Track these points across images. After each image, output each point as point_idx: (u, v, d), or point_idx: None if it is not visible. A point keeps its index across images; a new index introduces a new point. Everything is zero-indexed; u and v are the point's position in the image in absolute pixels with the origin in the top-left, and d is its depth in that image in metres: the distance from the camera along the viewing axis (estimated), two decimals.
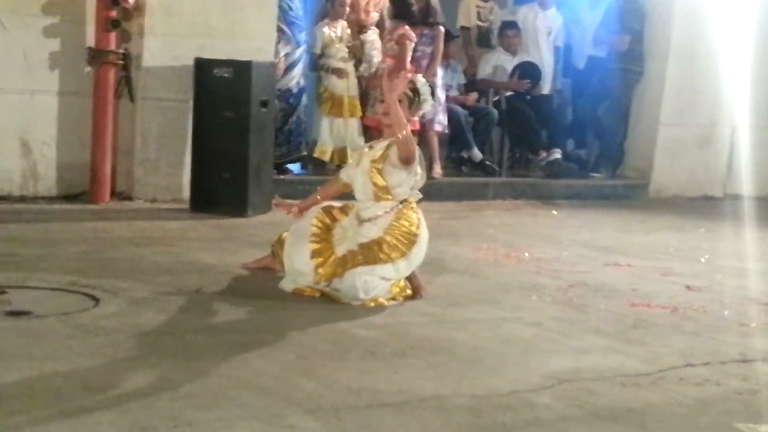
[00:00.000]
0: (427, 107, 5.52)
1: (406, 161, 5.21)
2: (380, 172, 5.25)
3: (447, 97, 9.71)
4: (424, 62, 9.29)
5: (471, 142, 9.93)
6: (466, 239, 7.33)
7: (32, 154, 7.73)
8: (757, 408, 3.94)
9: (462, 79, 10.40)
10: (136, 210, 7.62)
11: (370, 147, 5.49)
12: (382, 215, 5.24)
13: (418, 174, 5.33)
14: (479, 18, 10.60)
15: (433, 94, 5.47)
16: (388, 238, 5.18)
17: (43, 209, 7.38)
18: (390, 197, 5.27)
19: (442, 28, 9.48)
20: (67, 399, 3.44)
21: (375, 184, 5.26)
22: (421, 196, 5.44)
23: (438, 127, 9.44)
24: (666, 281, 6.29)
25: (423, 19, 9.28)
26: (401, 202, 5.28)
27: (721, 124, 10.93)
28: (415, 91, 5.37)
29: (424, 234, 5.30)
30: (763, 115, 10.95)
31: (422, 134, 9.30)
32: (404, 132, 5.15)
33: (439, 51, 9.39)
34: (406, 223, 5.25)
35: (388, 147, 5.30)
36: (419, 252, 5.28)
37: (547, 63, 10.61)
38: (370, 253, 5.14)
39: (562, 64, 11.35)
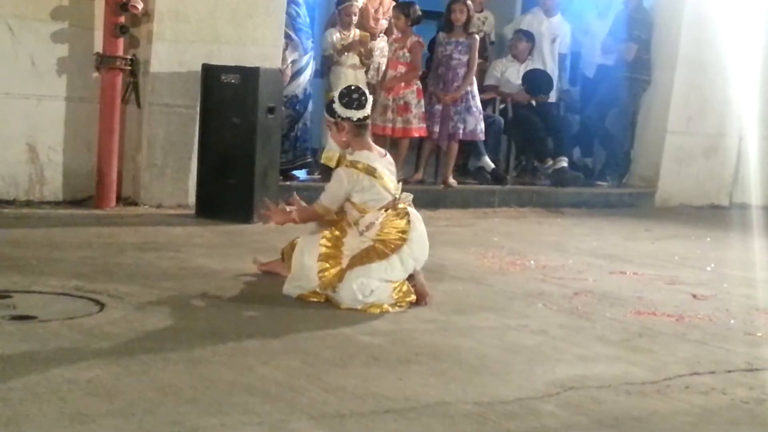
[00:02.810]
0: (355, 114, 5.38)
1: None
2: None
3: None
4: (462, 71, 9.32)
5: (482, 151, 9.95)
6: (472, 246, 7.32)
7: (39, 159, 7.74)
8: (764, 417, 3.93)
9: None
10: (141, 215, 7.62)
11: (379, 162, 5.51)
12: (375, 223, 5.27)
13: (377, 186, 5.35)
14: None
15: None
16: (377, 245, 5.23)
17: (49, 214, 7.38)
18: (370, 210, 5.32)
19: (477, 37, 9.53)
20: (71, 404, 3.44)
21: (353, 204, 5.34)
22: (412, 196, 5.46)
23: (480, 134, 9.45)
24: (672, 290, 6.28)
25: (464, 29, 9.33)
26: (392, 207, 5.31)
27: (728, 134, 10.92)
28: (330, 109, 5.41)
29: (416, 234, 5.32)
30: None
31: (450, 144, 9.36)
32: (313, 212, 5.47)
33: (476, 60, 9.43)
34: (393, 230, 5.28)
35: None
36: (412, 250, 5.29)
37: (549, 70, 10.61)
38: (364, 257, 5.21)
39: (569, 72, 11.36)
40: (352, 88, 5.49)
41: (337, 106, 5.35)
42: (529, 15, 10.99)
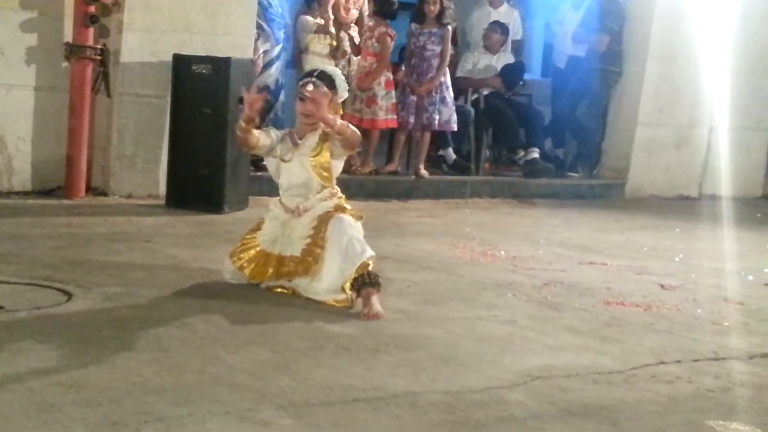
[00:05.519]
0: (344, 94, 5.39)
1: (352, 146, 5.32)
2: (324, 167, 5.23)
3: None
4: (435, 61, 9.33)
5: (449, 141, 10.01)
6: (443, 237, 7.34)
7: (7, 149, 7.69)
8: (729, 406, 3.95)
9: None
10: (111, 205, 7.59)
11: (295, 144, 5.26)
12: (321, 202, 5.22)
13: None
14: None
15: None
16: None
17: (17, 204, 7.34)
18: (330, 185, 5.28)
19: (450, 28, 9.54)
20: (37, 394, 3.42)
21: (320, 175, 5.23)
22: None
23: (454, 125, 9.48)
24: (640, 280, 6.32)
25: (437, 20, 9.34)
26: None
27: (699, 125, 10.98)
28: (332, 85, 5.24)
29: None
30: (740, 116, 11.01)
31: (422, 134, 9.43)
32: (338, 124, 5.13)
33: (448, 50, 9.44)
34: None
35: (323, 141, 5.22)
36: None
37: (506, 60, 10.61)
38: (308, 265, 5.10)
39: (541, 63, 11.40)
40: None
41: (344, 89, 5.30)
42: (476, 11, 10.99)
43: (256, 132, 5.28)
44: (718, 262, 7.05)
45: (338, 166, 5.34)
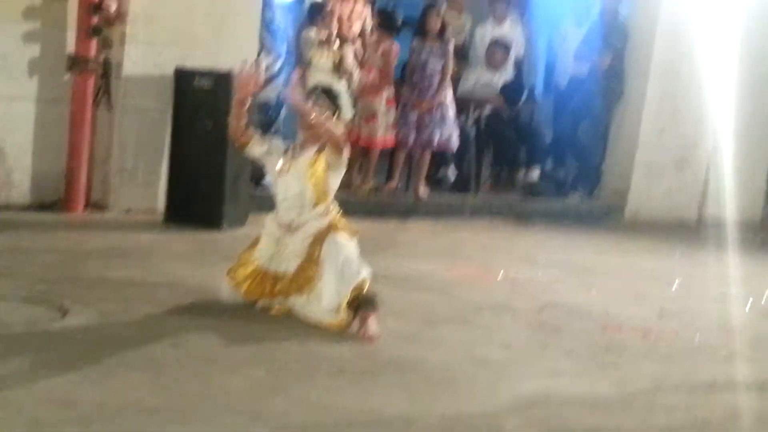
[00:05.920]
0: (348, 114, 5.44)
1: (339, 150, 5.19)
2: (319, 179, 5.22)
3: None
4: (437, 78, 9.28)
5: (449, 161, 9.98)
6: (441, 257, 7.31)
7: (7, 161, 7.65)
8: None
9: None
10: (109, 221, 7.54)
11: (293, 157, 5.31)
12: (315, 219, 5.21)
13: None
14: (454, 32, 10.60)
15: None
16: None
17: (15, 218, 7.29)
18: (326, 201, 5.27)
19: (452, 43, 9.51)
20: (31, 411, 3.40)
21: (315, 187, 5.22)
22: None
23: (454, 145, 9.46)
24: (639, 304, 6.28)
25: (440, 35, 9.32)
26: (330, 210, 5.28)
27: (701, 146, 10.94)
28: (335, 102, 5.29)
29: None
30: (743, 138, 10.94)
31: (422, 153, 9.36)
32: (314, 114, 5.13)
33: (450, 66, 9.41)
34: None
35: (319, 154, 5.23)
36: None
37: (509, 76, 10.60)
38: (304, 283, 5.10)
39: (543, 81, 11.37)
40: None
41: (347, 107, 5.35)
42: (480, 27, 10.96)
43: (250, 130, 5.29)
44: (719, 288, 6.99)
45: (334, 180, 5.31)
